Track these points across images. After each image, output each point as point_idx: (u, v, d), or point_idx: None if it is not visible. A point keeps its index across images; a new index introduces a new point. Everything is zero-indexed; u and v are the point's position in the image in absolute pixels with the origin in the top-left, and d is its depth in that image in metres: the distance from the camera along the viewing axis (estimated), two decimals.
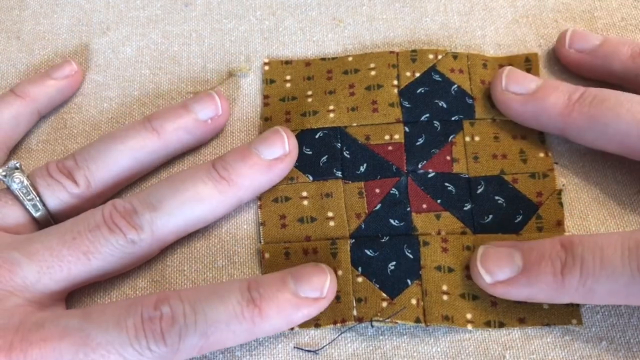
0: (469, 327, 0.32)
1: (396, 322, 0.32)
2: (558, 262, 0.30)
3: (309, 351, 0.32)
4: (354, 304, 0.32)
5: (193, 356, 0.30)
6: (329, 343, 0.32)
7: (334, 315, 0.32)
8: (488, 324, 0.32)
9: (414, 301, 0.32)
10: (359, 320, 0.32)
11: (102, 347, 0.28)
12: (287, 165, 0.35)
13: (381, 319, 0.32)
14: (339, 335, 0.33)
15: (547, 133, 0.37)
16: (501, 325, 0.32)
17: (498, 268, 0.31)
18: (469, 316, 0.32)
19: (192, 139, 0.36)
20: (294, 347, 0.32)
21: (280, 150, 0.34)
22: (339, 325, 0.32)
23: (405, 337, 0.33)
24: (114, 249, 0.31)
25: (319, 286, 0.31)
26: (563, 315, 0.32)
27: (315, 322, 0.32)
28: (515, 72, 0.36)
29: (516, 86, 0.36)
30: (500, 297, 0.32)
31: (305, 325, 0.32)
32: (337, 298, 0.33)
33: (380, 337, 0.33)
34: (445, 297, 0.32)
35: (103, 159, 0.34)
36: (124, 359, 0.28)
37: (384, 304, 0.32)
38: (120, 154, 0.34)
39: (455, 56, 0.39)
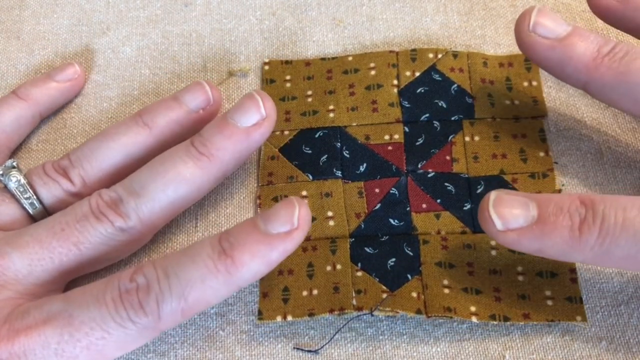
0: (474, 319, 0.32)
1: (397, 312, 0.31)
2: (577, 217, 0.28)
3: (309, 351, 0.32)
4: (353, 295, 0.32)
5: (180, 321, 0.29)
6: (329, 341, 0.32)
7: (331, 304, 0.32)
8: (493, 317, 0.32)
9: (414, 294, 0.32)
10: (359, 309, 0.32)
11: (85, 325, 0.28)
12: (266, 129, 0.33)
13: (381, 308, 0.32)
14: (336, 333, 0.32)
15: (547, 130, 0.37)
16: (506, 319, 0.32)
17: (511, 215, 0.29)
18: (472, 309, 0.32)
19: (184, 130, 0.36)
20: (294, 348, 0.32)
21: (257, 115, 0.33)
22: (336, 313, 0.32)
23: (405, 337, 0.33)
24: (104, 237, 0.31)
25: (288, 218, 0.29)
26: (567, 311, 0.32)
27: (309, 312, 0.32)
28: (545, 12, 0.33)
29: (544, 29, 0.33)
30: (508, 247, 0.30)
31: (298, 314, 0.32)
32: (336, 289, 0.33)
33: (380, 337, 0.33)
34: (446, 291, 0.32)
35: (96, 157, 0.34)
36: (108, 334, 0.29)
37: (384, 296, 0.32)
38: (112, 152, 0.34)
39: (455, 55, 0.39)
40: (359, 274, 0.33)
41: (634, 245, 0.27)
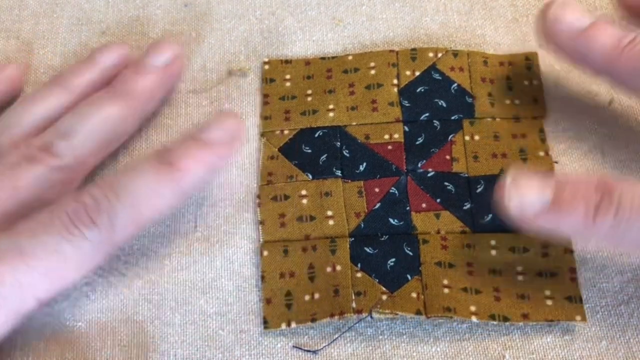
0: (474, 318, 0.32)
1: (396, 314, 0.31)
2: (592, 203, 0.28)
3: (308, 351, 0.32)
4: (353, 297, 0.32)
5: (135, 233, 0.31)
6: (329, 343, 0.32)
7: (332, 308, 0.32)
8: (492, 317, 0.32)
9: (414, 295, 0.32)
10: (358, 312, 0.32)
11: (39, 252, 0.29)
12: (178, 67, 0.38)
13: (381, 310, 0.32)
14: (339, 336, 0.32)
15: (547, 131, 0.37)
16: (505, 319, 0.32)
17: (527, 198, 0.29)
18: (472, 308, 0.32)
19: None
20: (293, 347, 0.32)
21: (170, 54, 0.37)
22: (336, 317, 0.32)
23: (404, 336, 0.32)
24: (38, 179, 0.32)
25: (227, 126, 0.33)
26: (567, 311, 0.32)
27: (312, 317, 0.32)
28: (568, 4, 0.34)
29: (567, 20, 0.34)
30: (525, 227, 0.30)
31: (301, 320, 0.32)
32: (336, 292, 0.33)
33: (380, 337, 0.33)
34: (446, 290, 0.32)
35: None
36: (64, 256, 0.29)
37: (384, 297, 0.32)
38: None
39: (455, 54, 0.39)
40: (359, 275, 0.33)
41: None
